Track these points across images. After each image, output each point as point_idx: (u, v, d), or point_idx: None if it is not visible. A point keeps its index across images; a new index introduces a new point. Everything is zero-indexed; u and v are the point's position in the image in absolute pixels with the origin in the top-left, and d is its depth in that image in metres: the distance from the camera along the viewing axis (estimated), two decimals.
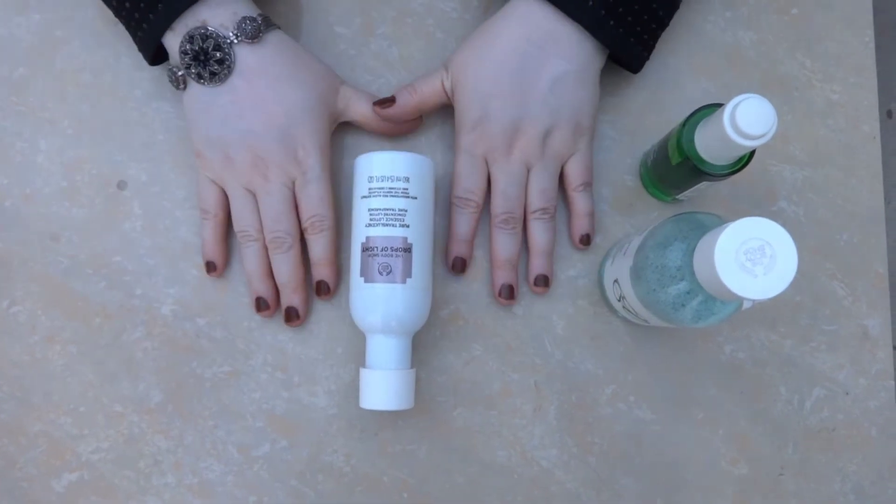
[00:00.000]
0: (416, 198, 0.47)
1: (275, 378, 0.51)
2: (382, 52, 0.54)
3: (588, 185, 0.51)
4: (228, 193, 0.49)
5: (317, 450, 0.50)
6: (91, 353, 0.51)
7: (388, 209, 0.47)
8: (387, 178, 0.47)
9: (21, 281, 0.51)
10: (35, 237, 0.51)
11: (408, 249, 0.47)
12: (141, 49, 0.48)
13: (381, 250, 0.47)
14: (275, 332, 0.51)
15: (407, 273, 0.47)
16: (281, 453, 0.50)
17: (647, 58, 0.50)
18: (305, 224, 0.49)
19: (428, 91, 0.50)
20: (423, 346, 0.51)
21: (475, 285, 0.52)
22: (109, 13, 0.49)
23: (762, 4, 0.55)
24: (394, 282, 0.47)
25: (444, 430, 0.51)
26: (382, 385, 0.46)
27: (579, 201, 0.51)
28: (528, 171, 0.50)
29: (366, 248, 0.47)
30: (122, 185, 0.52)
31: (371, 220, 0.47)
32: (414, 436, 0.51)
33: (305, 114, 0.48)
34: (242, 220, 0.49)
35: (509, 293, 0.50)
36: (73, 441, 0.50)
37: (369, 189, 0.48)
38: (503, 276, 0.50)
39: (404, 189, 0.47)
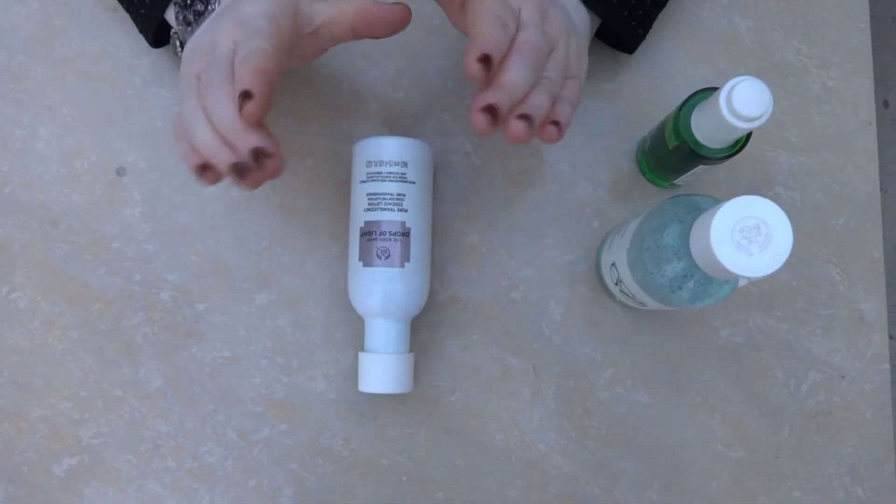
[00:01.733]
0: (414, 182, 0.48)
1: (274, 363, 0.51)
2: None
3: (574, 106, 0.43)
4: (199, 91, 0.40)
5: (316, 434, 0.51)
6: (91, 338, 0.51)
7: (386, 194, 0.47)
8: (385, 162, 0.48)
9: (21, 267, 0.51)
10: (35, 223, 0.51)
11: (406, 234, 0.47)
12: (143, 30, 0.48)
13: (380, 234, 0.47)
14: (274, 317, 0.51)
15: (405, 257, 0.47)
16: (280, 437, 0.51)
17: (643, 36, 0.50)
18: (235, 61, 0.38)
19: None
20: (421, 330, 0.51)
21: (474, 270, 0.52)
22: (108, 1, 0.49)
23: None
24: (392, 266, 0.47)
25: (443, 414, 0.51)
26: (381, 369, 0.47)
27: (562, 106, 0.42)
28: (552, 50, 0.42)
29: (364, 233, 0.47)
30: (121, 172, 0.52)
31: (369, 204, 0.48)
32: (412, 419, 0.51)
33: (266, 3, 0.40)
34: (185, 105, 0.39)
35: (493, 115, 0.37)
36: (74, 426, 0.50)
37: (367, 174, 0.48)
38: (496, 95, 0.37)
39: (402, 174, 0.47)
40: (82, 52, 0.53)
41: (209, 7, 0.44)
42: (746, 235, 0.34)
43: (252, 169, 0.37)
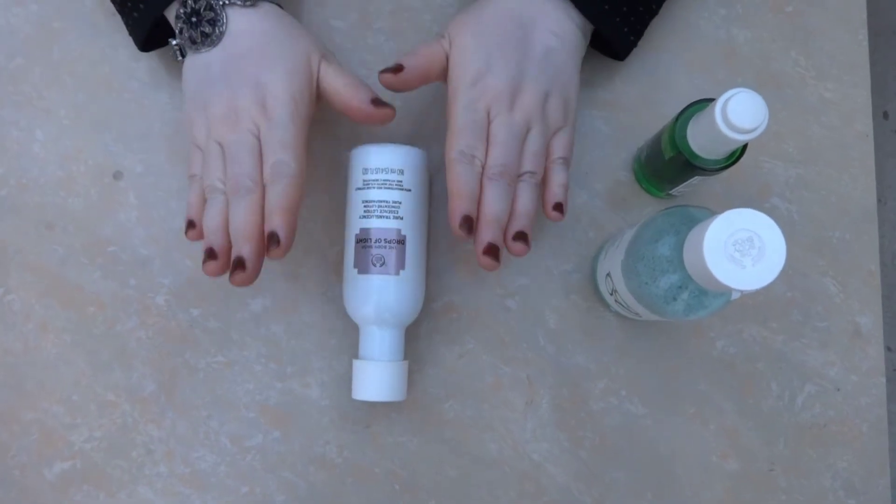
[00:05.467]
0: (410, 190, 0.48)
1: (268, 369, 0.51)
2: (379, 46, 0.54)
3: (568, 161, 0.48)
4: (203, 151, 0.46)
5: (309, 441, 0.50)
6: (85, 342, 0.51)
7: (382, 201, 0.47)
8: (381, 170, 0.47)
9: (16, 269, 0.51)
10: (30, 226, 0.51)
11: (401, 241, 0.47)
12: (134, 31, 0.48)
13: (375, 242, 0.47)
14: (268, 323, 0.51)
15: (400, 265, 0.47)
16: (273, 444, 0.50)
17: (635, 44, 0.50)
18: (266, 171, 0.44)
19: (429, 53, 0.47)
20: (415, 338, 0.51)
21: (468, 278, 0.52)
22: (107, 5, 0.49)
23: (757, 2, 0.56)
24: (387, 273, 0.47)
25: (436, 423, 0.51)
26: (375, 376, 0.47)
27: (557, 173, 0.48)
28: (527, 131, 0.47)
29: (360, 240, 0.47)
30: (117, 176, 0.52)
31: (365, 211, 0.47)
32: (406, 428, 0.51)
33: (280, 62, 0.45)
34: (211, 172, 0.45)
35: (495, 252, 0.44)
36: (66, 430, 0.50)
37: (364, 181, 0.48)
38: (490, 233, 0.44)
39: (399, 181, 0.47)
40: (81, 55, 0.53)
41: (216, 29, 0.45)
42: (740, 248, 0.34)
43: (242, 268, 0.43)
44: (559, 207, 0.47)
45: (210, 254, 0.44)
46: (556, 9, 0.47)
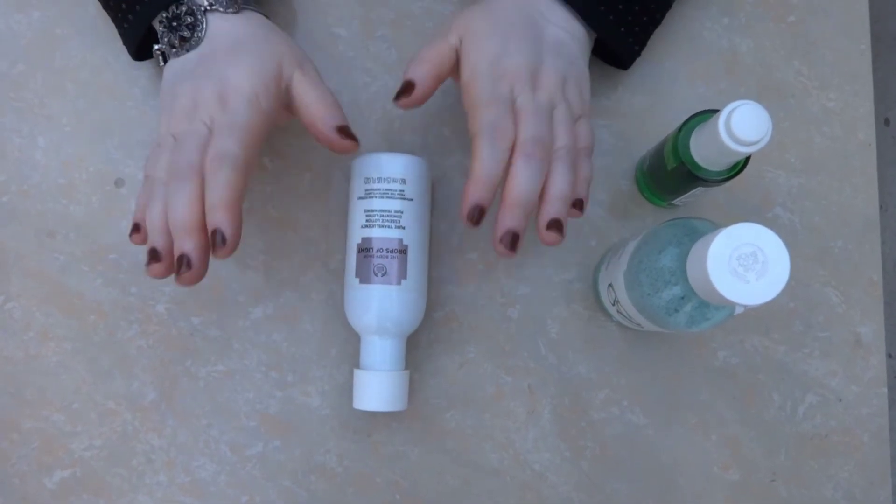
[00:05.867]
0: (412, 199, 0.48)
1: (269, 378, 0.51)
2: (381, 54, 0.54)
3: (590, 150, 0.45)
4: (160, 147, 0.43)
5: (310, 450, 0.50)
6: (85, 350, 0.51)
7: (384, 210, 0.47)
8: (383, 179, 0.47)
9: (17, 277, 0.51)
10: (31, 233, 0.51)
11: (403, 251, 0.47)
12: (126, 40, 0.48)
13: (377, 251, 0.47)
14: (269, 331, 0.51)
15: (402, 275, 0.47)
16: (274, 453, 0.50)
17: (639, 53, 0.50)
18: (208, 158, 0.40)
19: (437, 56, 0.44)
20: (417, 347, 0.51)
21: (470, 287, 0.52)
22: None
23: (759, 11, 0.56)
24: (389, 283, 0.47)
25: (437, 432, 0.51)
26: (376, 386, 0.47)
27: (582, 165, 0.44)
28: (552, 110, 0.44)
29: (361, 249, 0.47)
30: (119, 183, 0.52)
31: (367, 221, 0.47)
32: (407, 437, 0.51)
33: (247, 60, 0.43)
34: (154, 165, 0.42)
35: (513, 242, 0.41)
36: (66, 438, 0.50)
37: (366, 190, 0.48)
38: (511, 220, 0.40)
39: (401, 191, 0.47)
40: (83, 62, 0.53)
41: (195, 34, 0.44)
42: (743, 263, 0.34)
43: (183, 267, 0.39)
44: (579, 205, 0.44)
45: (153, 255, 0.40)
46: (564, 10, 0.47)
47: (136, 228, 0.42)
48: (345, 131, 0.44)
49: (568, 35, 0.46)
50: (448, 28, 0.46)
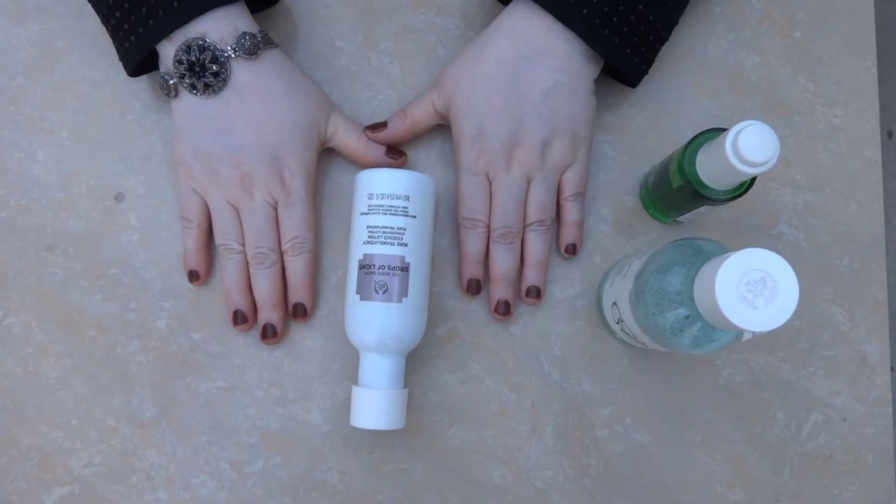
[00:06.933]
0: (415, 216, 0.47)
1: (269, 394, 0.50)
2: (384, 67, 0.54)
3: (581, 195, 0.51)
4: (211, 206, 0.49)
5: (310, 467, 0.50)
6: (85, 366, 0.50)
7: (386, 227, 0.47)
8: (387, 195, 0.47)
9: (16, 292, 0.50)
10: (31, 248, 0.51)
11: (405, 268, 0.47)
12: (125, 57, 0.48)
13: (379, 268, 0.47)
14: (270, 348, 0.51)
15: (403, 292, 0.47)
16: (274, 470, 0.50)
17: (646, 72, 0.50)
18: (286, 245, 0.49)
19: (419, 114, 0.51)
20: (419, 363, 0.51)
21: (473, 304, 0.52)
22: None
23: (765, 27, 0.55)
24: (390, 300, 0.46)
25: (440, 450, 0.51)
26: (373, 404, 0.46)
27: (570, 211, 0.51)
28: (529, 183, 0.50)
29: (363, 266, 0.47)
30: (119, 197, 0.52)
31: (369, 237, 0.47)
32: (409, 454, 0.50)
33: (295, 135, 0.48)
34: (226, 233, 0.49)
35: (506, 309, 0.50)
36: (65, 455, 0.49)
37: (369, 206, 0.47)
38: (500, 292, 0.50)
39: (404, 207, 0.47)
40: (82, 76, 0.53)
41: (219, 81, 0.46)
42: (752, 289, 0.34)
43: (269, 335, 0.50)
44: (571, 249, 0.51)
45: (240, 317, 0.49)
46: (558, 44, 0.47)
47: (196, 276, 0.50)
48: (394, 152, 0.52)
49: (559, 77, 0.47)
50: (437, 85, 0.51)
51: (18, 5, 0.53)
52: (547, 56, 0.47)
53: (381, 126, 0.51)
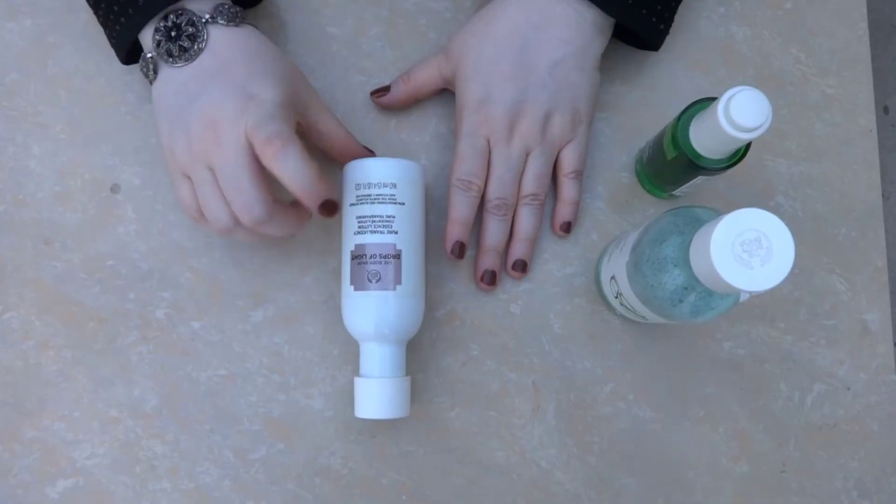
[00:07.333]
0: (403, 203, 0.47)
1: (271, 381, 0.50)
2: (375, 52, 0.54)
3: (579, 173, 0.51)
4: (193, 179, 0.43)
5: (314, 453, 0.50)
6: (85, 358, 0.50)
7: (375, 216, 0.46)
8: (374, 184, 0.47)
9: (14, 286, 0.51)
10: (28, 242, 0.51)
11: (397, 256, 0.46)
12: (116, 45, 0.47)
13: (371, 257, 0.46)
14: (270, 334, 0.51)
15: (397, 280, 0.46)
16: (278, 457, 0.50)
17: (666, 31, 0.50)
18: (261, 146, 0.42)
19: (423, 78, 0.51)
20: (419, 347, 0.51)
21: (471, 285, 0.52)
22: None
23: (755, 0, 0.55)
24: (385, 289, 0.46)
25: (442, 432, 0.50)
26: (376, 393, 0.46)
27: (568, 188, 0.51)
28: (527, 155, 0.49)
29: (355, 256, 0.47)
30: (115, 189, 0.52)
31: (359, 227, 0.47)
32: (412, 438, 0.50)
33: (270, 75, 0.43)
34: (196, 203, 0.43)
35: (492, 279, 0.50)
36: (68, 447, 0.49)
37: (357, 196, 0.47)
38: (487, 262, 0.50)
39: (392, 195, 0.47)
40: (76, 69, 0.53)
41: (195, 45, 0.44)
42: (747, 249, 0.34)
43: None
44: (566, 227, 0.51)
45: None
46: (567, 12, 0.47)
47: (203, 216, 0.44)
48: (367, 150, 0.50)
49: (567, 48, 0.47)
50: (445, 50, 0.50)
51: (9, 1, 0.53)
52: (557, 26, 0.47)
53: (384, 90, 0.51)
